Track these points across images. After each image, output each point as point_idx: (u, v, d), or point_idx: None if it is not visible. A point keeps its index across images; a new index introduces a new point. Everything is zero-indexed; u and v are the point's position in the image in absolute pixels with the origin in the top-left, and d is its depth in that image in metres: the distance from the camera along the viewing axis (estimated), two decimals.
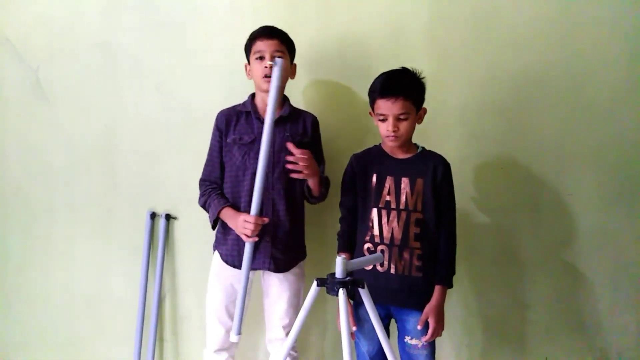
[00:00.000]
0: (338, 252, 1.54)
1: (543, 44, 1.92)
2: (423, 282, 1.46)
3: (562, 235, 2.03)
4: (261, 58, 1.51)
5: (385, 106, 1.42)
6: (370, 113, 1.54)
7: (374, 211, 1.48)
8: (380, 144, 1.57)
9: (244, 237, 1.45)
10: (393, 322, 1.59)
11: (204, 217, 1.86)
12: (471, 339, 2.05)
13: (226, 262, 1.58)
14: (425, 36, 1.89)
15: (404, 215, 1.46)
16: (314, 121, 1.65)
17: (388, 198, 1.47)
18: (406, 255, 1.45)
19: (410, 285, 1.45)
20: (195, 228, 1.52)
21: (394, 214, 1.46)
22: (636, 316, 2.07)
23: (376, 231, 1.47)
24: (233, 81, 1.89)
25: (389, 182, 1.48)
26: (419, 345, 1.47)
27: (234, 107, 1.63)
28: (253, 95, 1.63)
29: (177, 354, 1.96)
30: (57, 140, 1.89)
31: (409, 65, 1.52)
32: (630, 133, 1.95)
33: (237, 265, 1.54)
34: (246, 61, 1.62)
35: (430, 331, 1.44)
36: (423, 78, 1.50)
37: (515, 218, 2.01)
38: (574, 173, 1.99)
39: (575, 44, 1.93)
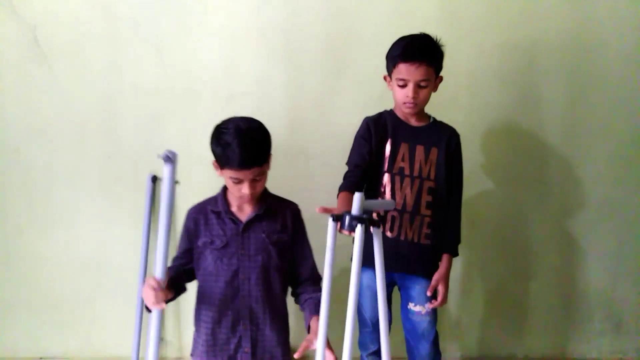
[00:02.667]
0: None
1: (554, 11, 1.88)
2: (431, 249, 1.47)
3: (568, 206, 2.02)
4: (239, 182, 1.28)
5: (408, 71, 1.38)
6: (385, 77, 1.50)
7: (387, 177, 1.46)
8: (392, 109, 1.54)
9: (149, 305, 1.19)
10: (395, 290, 1.59)
11: (206, 182, 1.83)
12: (472, 308, 2.06)
13: None
14: (436, 4, 1.84)
15: (417, 182, 1.45)
16: (295, 213, 1.41)
17: (402, 165, 1.45)
18: (417, 222, 1.45)
19: (419, 252, 1.45)
20: (197, 192, 1.49)
21: (407, 180, 1.45)
22: (637, 288, 2.08)
23: (388, 197, 1.45)
24: (234, 45, 1.85)
25: (403, 148, 1.46)
26: (422, 312, 1.48)
27: (204, 203, 1.40)
28: (225, 189, 1.38)
29: (178, 314, 1.98)
30: (56, 102, 1.84)
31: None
32: None
33: None
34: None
35: (440, 298, 1.46)
36: (442, 46, 1.46)
37: (521, 189, 2.00)
38: (583, 143, 1.97)
39: (586, 12, 1.88)
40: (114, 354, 1.93)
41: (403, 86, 1.41)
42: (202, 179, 1.90)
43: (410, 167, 1.45)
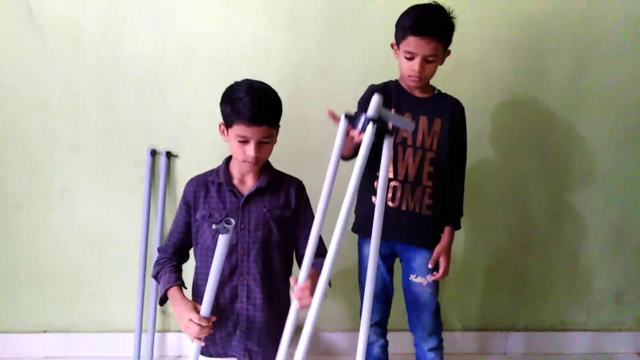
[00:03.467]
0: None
1: None
2: (432, 221, 1.46)
3: (570, 178, 2.01)
4: (244, 142, 1.25)
5: (417, 45, 1.35)
6: (392, 45, 1.47)
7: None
8: (397, 80, 1.52)
9: (188, 336, 1.21)
10: (397, 264, 1.59)
11: (205, 156, 1.83)
12: (472, 280, 2.07)
13: (201, 352, 1.35)
14: None
15: (419, 153, 1.44)
16: (299, 188, 1.37)
17: (405, 134, 1.44)
18: (418, 192, 1.44)
19: (420, 223, 1.45)
20: (196, 166, 1.47)
21: (409, 150, 1.43)
22: (637, 260, 2.09)
23: (390, 166, 1.44)
24: (234, 13, 1.80)
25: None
26: (424, 284, 1.48)
27: (205, 175, 1.36)
28: (228, 160, 1.36)
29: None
30: (52, 74, 1.80)
31: (425, 3, 1.44)
32: None
33: (212, 354, 1.36)
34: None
35: (441, 270, 1.46)
36: (454, 18, 1.42)
37: (523, 160, 1.99)
38: (587, 114, 1.95)
39: None
40: (117, 326, 1.95)
41: (410, 59, 1.39)
42: (203, 151, 1.89)
43: (413, 138, 1.44)
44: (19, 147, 1.85)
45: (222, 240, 1.09)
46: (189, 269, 1.37)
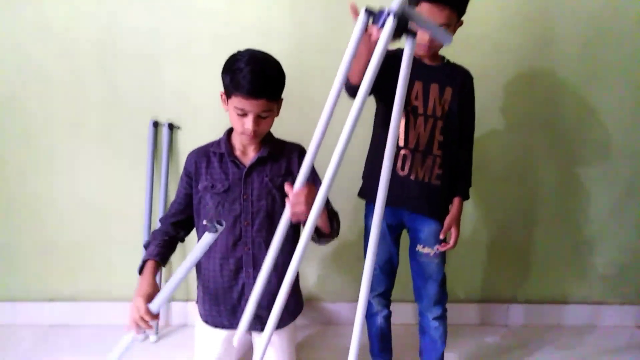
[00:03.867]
0: None
1: None
2: (440, 191, 1.45)
3: (579, 152, 1.99)
4: (243, 115, 1.21)
5: (431, 12, 1.30)
6: None
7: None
8: None
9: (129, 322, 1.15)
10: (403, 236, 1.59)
11: (208, 127, 1.81)
12: (475, 252, 2.07)
13: (206, 322, 1.40)
14: None
15: (430, 121, 1.41)
16: (301, 153, 1.35)
17: (415, 103, 1.40)
18: (429, 162, 1.42)
19: (429, 193, 1.44)
20: (199, 138, 1.44)
21: (420, 119, 1.40)
22: None
23: (401, 134, 1.41)
24: None
25: (417, 86, 1.40)
26: (431, 254, 1.48)
27: (207, 146, 1.35)
28: (229, 132, 1.34)
29: (184, 256, 1.99)
30: (49, 47, 1.76)
31: None
32: None
33: (218, 325, 1.37)
34: None
35: (452, 240, 1.47)
36: None
37: (532, 133, 1.96)
38: (599, 88, 1.91)
39: None
40: (122, 295, 1.97)
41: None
42: (206, 124, 1.87)
43: (424, 106, 1.40)
44: (19, 120, 1.83)
45: (206, 238, 1.05)
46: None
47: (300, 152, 1.36)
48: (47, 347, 1.80)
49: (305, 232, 0.91)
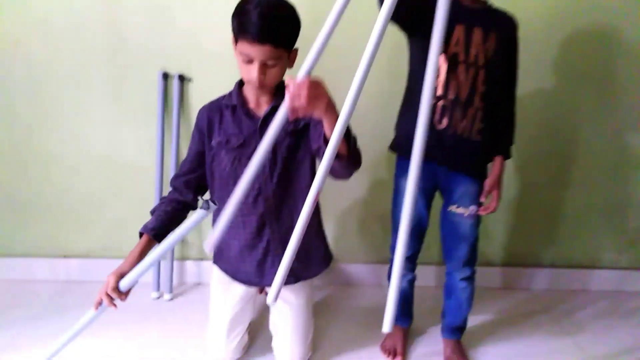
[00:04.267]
0: None
1: None
2: (481, 147, 1.33)
3: (631, 117, 1.84)
4: (249, 62, 1.12)
5: None
6: None
7: (440, 60, 1.26)
8: None
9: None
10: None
11: (220, 79, 1.70)
12: (501, 214, 1.98)
13: (234, 278, 1.38)
14: None
15: (472, 70, 1.27)
16: None
17: (455, 49, 1.26)
18: (470, 115, 1.29)
19: (468, 149, 1.32)
20: (212, 91, 1.35)
21: (461, 67, 1.27)
22: None
23: (440, 83, 1.28)
24: None
25: (458, 31, 1.25)
26: (465, 214, 1.39)
27: (218, 100, 1.28)
28: (241, 83, 1.26)
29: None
30: None
31: None
32: None
33: (245, 282, 1.37)
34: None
35: (494, 203, 1.39)
36: None
37: (575, 92, 1.82)
38: None
39: None
40: None
41: None
42: (217, 75, 1.77)
43: (465, 53, 1.26)
44: (24, 67, 1.75)
45: (197, 214, 1.00)
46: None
47: None
48: (64, 303, 1.79)
49: (327, 154, 0.81)
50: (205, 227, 1.91)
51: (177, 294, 1.90)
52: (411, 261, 1.52)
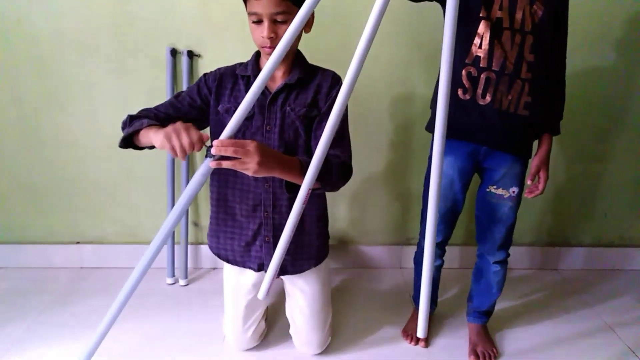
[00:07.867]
0: None
1: None
2: (527, 123, 1.21)
3: None
4: (258, 22, 1.07)
5: None
6: None
7: (482, 26, 1.15)
8: None
9: (170, 151, 0.98)
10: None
11: (230, 54, 1.61)
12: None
13: (218, 255, 1.33)
14: None
15: (518, 37, 1.15)
16: (334, 81, 1.18)
17: (499, 14, 1.14)
18: (517, 87, 1.17)
19: (514, 125, 1.20)
20: (218, 64, 1.29)
21: (506, 34, 1.15)
22: None
23: (482, 52, 1.16)
24: None
25: None
26: (505, 196, 1.29)
27: (234, 67, 1.21)
28: (258, 54, 1.20)
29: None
30: None
31: None
32: None
33: (230, 260, 1.31)
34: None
35: (542, 185, 1.29)
36: None
37: (621, 70, 1.71)
38: None
39: None
40: (149, 237, 1.89)
41: None
42: (228, 51, 1.68)
43: (510, 18, 1.14)
44: (27, 46, 1.67)
45: (203, 166, 0.97)
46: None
47: (334, 80, 1.19)
48: (81, 289, 1.76)
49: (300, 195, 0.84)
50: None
51: (192, 279, 1.85)
52: (441, 247, 1.43)
